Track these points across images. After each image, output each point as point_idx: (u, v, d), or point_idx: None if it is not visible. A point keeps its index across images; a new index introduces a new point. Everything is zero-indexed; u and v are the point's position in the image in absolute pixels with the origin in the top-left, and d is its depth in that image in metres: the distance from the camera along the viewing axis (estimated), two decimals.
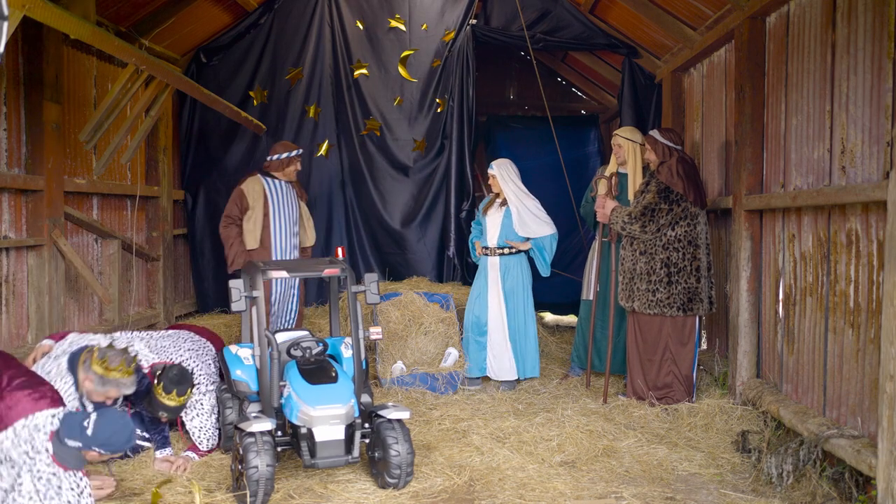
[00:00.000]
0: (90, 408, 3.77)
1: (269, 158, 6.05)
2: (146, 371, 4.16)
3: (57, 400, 3.28)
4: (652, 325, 5.21)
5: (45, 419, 3.15)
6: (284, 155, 6.00)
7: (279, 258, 5.90)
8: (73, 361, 3.83)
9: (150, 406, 4.04)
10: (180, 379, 3.98)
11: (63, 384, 3.76)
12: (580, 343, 6.18)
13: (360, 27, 7.65)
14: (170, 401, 3.96)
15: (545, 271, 5.98)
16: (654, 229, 5.10)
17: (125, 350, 3.74)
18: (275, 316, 5.91)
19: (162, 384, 3.94)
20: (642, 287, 5.18)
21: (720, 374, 5.46)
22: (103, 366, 3.65)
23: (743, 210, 4.99)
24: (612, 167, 6.02)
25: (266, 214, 5.85)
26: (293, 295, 6.04)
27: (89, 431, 3.12)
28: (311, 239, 6.31)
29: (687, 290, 5.11)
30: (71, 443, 3.12)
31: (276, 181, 5.97)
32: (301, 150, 6.13)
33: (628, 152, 5.87)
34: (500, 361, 5.89)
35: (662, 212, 5.09)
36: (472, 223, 6.33)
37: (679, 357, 5.19)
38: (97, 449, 3.16)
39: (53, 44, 5.20)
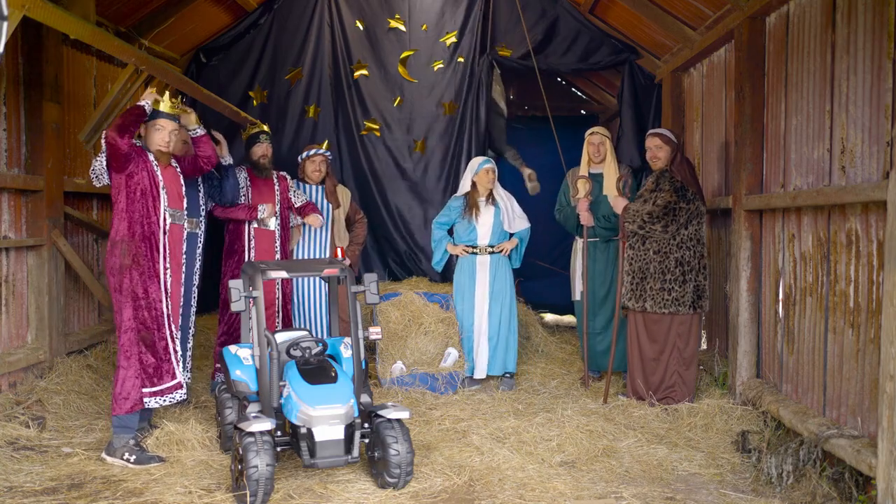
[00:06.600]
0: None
1: None
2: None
3: None
4: (661, 325, 5.20)
5: None
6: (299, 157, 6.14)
7: (301, 258, 5.94)
8: None
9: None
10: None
11: None
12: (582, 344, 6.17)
13: (360, 27, 7.64)
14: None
15: (517, 262, 6.07)
16: (675, 229, 5.10)
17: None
18: (298, 318, 5.95)
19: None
20: (656, 287, 5.15)
21: (720, 374, 5.46)
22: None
23: (743, 210, 4.99)
24: (584, 168, 5.97)
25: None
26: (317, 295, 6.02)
27: None
28: (342, 241, 6.20)
29: (696, 288, 5.12)
30: None
31: (306, 185, 6.07)
32: (309, 153, 6.05)
33: (609, 150, 5.87)
34: (482, 359, 5.91)
35: (682, 211, 5.08)
36: (435, 226, 6.14)
37: (685, 355, 5.19)
38: None
39: (53, 44, 5.21)
